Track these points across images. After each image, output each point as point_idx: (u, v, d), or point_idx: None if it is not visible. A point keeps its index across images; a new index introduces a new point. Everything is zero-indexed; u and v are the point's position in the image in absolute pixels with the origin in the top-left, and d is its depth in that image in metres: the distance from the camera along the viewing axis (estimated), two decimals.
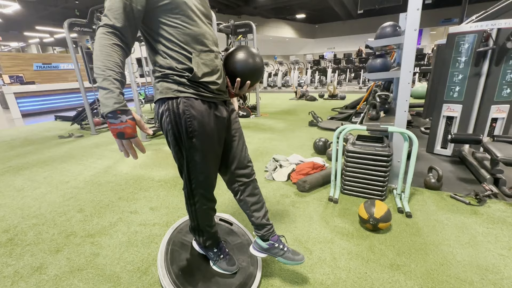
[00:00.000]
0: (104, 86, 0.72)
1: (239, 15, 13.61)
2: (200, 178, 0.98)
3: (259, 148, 3.19)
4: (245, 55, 1.01)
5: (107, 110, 0.72)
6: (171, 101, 0.88)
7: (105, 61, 0.72)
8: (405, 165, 1.76)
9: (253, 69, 1.02)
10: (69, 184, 2.39)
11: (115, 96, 0.73)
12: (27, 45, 16.13)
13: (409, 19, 1.69)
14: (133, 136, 0.77)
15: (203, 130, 0.91)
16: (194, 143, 0.92)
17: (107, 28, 0.75)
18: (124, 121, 0.74)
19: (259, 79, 1.07)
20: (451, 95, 2.48)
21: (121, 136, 0.76)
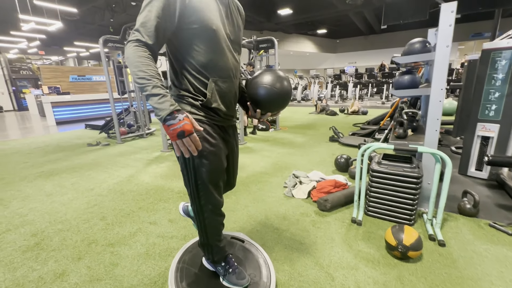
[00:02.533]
0: (156, 92, 0.75)
1: (261, 31, 13.99)
2: (209, 195, 1.00)
3: (278, 163, 3.15)
4: (267, 86, 0.96)
5: (165, 113, 0.75)
6: None
7: (148, 70, 0.76)
8: (436, 187, 1.64)
9: (275, 101, 0.98)
10: (94, 191, 2.48)
11: (169, 99, 0.77)
12: (65, 58, 17.58)
13: (441, 36, 1.63)
14: (192, 132, 0.78)
15: (211, 150, 0.96)
16: (202, 162, 0.95)
17: (140, 43, 0.78)
18: (182, 119, 0.76)
19: (282, 108, 1.04)
20: (487, 114, 2.32)
21: (181, 135, 0.77)
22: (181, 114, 0.77)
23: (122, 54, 4.94)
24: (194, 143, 0.80)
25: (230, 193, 2.30)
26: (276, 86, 0.96)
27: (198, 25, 0.84)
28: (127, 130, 5.03)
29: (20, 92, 13.49)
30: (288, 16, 12.08)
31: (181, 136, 0.77)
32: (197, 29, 0.84)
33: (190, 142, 0.79)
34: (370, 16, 13.26)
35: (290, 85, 1.00)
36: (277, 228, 1.75)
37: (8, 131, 6.60)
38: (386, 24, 7.85)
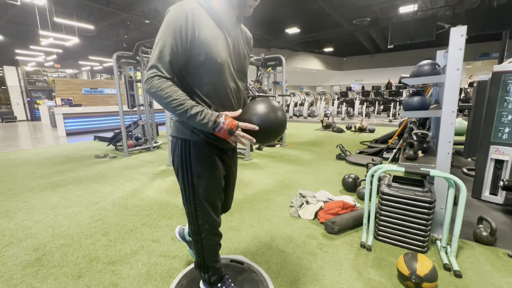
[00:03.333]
0: (194, 112, 0.82)
1: (269, 48, 14.34)
2: (206, 214, 1.02)
3: (284, 180, 3.10)
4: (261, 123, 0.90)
5: (210, 125, 0.84)
6: (184, 141, 0.97)
7: (178, 96, 0.82)
8: (450, 213, 1.57)
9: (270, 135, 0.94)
10: (98, 205, 2.47)
11: (208, 111, 0.84)
12: (79, 72, 18.25)
13: (451, 59, 1.62)
14: (237, 124, 0.87)
15: (210, 171, 0.99)
16: (201, 183, 0.98)
17: (161, 77, 0.82)
18: (223, 120, 0.85)
19: (276, 139, 0.99)
20: (500, 137, 2.26)
21: (231, 132, 0.85)
22: (222, 118, 0.85)
23: (134, 69, 5.10)
24: (244, 135, 0.88)
25: (234, 212, 2.25)
26: (269, 120, 0.91)
27: (204, 57, 0.86)
28: (135, 143, 5.08)
29: (34, 103, 13.96)
30: (296, 34, 12.39)
31: (232, 133, 0.85)
32: (203, 61, 0.87)
33: (241, 133, 0.87)
34: (376, 36, 13.50)
35: (284, 114, 0.96)
36: (283, 251, 1.68)
37: (19, 141, 6.75)
38: (392, 44, 7.96)
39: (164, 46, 0.82)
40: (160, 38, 0.83)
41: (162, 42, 0.82)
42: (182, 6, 0.84)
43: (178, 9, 0.83)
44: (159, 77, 0.82)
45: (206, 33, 0.85)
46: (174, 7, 0.85)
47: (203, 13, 0.86)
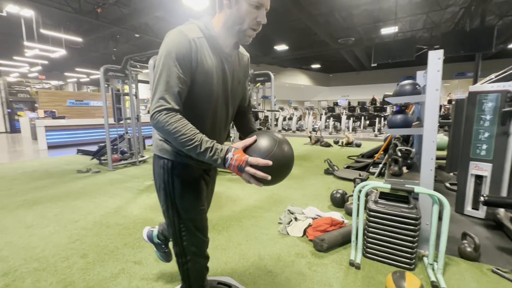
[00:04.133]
0: (206, 146, 0.77)
1: (258, 64, 14.66)
2: (192, 236, 0.98)
3: (273, 196, 3.08)
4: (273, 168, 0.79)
5: (220, 160, 0.78)
6: (166, 161, 0.94)
7: (187, 131, 0.77)
8: (436, 229, 1.59)
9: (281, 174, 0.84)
10: (77, 224, 2.34)
11: (218, 146, 0.79)
12: (65, 83, 17.88)
13: (430, 80, 1.70)
14: (246, 160, 0.77)
15: (194, 192, 0.97)
16: (184, 204, 0.95)
17: (169, 111, 0.78)
18: (232, 156, 0.78)
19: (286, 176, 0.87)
20: (478, 153, 2.36)
21: (241, 169, 0.77)
22: (230, 153, 0.78)
23: (121, 82, 5.05)
24: (256, 172, 0.77)
25: (222, 230, 2.20)
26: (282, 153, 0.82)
27: (200, 87, 0.85)
28: (120, 157, 4.94)
29: (15, 114, 13.44)
30: (284, 51, 12.78)
31: (241, 170, 0.77)
32: (197, 89, 0.86)
33: (251, 170, 0.77)
34: (361, 54, 14.14)
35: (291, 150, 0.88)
36: (271, 271, 1.64)
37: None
38: (376, 62, 8.34)
39: (170, 76, 0.79)
40: (163, 67, 0.79)
41: (167, 72, 0.79)
42: (185, 34, 0.81)
43: (181, 36, 0.80)
44: (167, 110, 0.77)
45: (207, 64, 0.84)
46: (175, 33, 0.81)
47: (204, 42, 0.84)
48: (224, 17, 0.85)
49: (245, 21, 0.83)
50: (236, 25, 0.84)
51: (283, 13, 8.59)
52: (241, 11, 0.82)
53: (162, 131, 0.78)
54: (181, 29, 0.83)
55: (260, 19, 0.84)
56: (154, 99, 0.79)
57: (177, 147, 0.80)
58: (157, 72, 0.80)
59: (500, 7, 8.44)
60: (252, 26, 0.84)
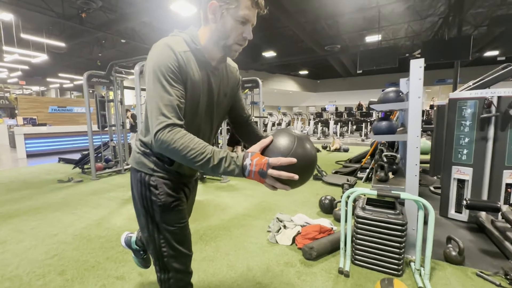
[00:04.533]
0: (220, 157, 0.71)
1: (247, 70, 14.74)
2: (173, 251, 0.93)
3: (262, 203, 3.05)
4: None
5: (238, 170, 0.71)
6: (143, 174, 0.90)
7: (196, 146, 0.71)
8: (422, 234, 1.61)
9: (305, 167, 0.75)
10: (56, 237, 2.22)
11: (232, 155, 0.72)
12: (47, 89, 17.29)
13: (412, 88, 1.75)
14: (267, 162, 0.69)
15: (175, 206, 0.92)
16: (165, 218, 0.91)
17: (172, 127, 0.73)
18: (250, 161, 0.70)
19: (312, 174, 0.81)
20: (460, 158, 2.43)
21: (263, 173, 0.70)
22: (247, 159, 0.71)
23: (106, 89, 4.93)
24: (280, 173, 0.69)
25: (210, 240, 2.14)
26: (305, 150, 0.75)
27: (185, 100, 0.82)
28: (104, 165, 4.78)
29: None
30: (272, 58, 12.93)
31: (264, 175, 0.69)
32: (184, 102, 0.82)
33: (274, 174, 0.69)
34: (347, 61, 14.50)
35: (312, 145, 0.79)
36: (260, 282, 1.60)
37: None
38: (361, 69, 8.59)
39: (165, 90, 0.74)
40: (155, 83, 0.74)
41: (161, 86, 0.74)
42: (171, 48, 0.77)
43: (167, 50, 0.77)
44: (170, 127, 0.72)
45: (194, 78, 0.81)
46: (162, 47, 0.77)
47: (190, 56, 0.81)
48: (210, 31, 0.83)
49: (231, 36, 0.80)
50: (221, 40, 0.82)
51: (271, 20, 8.71)
52: (227, 26, 0.79)
53: (169, 151, 0.72)
54: (167, 42, 0.79)
55: (246, 35, 0.81)
56: (153, 119, 0.73)
57: (187, 165, 0.73)
58: (150, 90, 0.75)
59: (475, 18, 8.91)
60: (238, 41, 0.82)
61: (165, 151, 0.73)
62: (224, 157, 0.70)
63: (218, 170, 0.71)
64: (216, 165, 0.70)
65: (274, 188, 0.73)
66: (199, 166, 0.70)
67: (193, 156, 0.69)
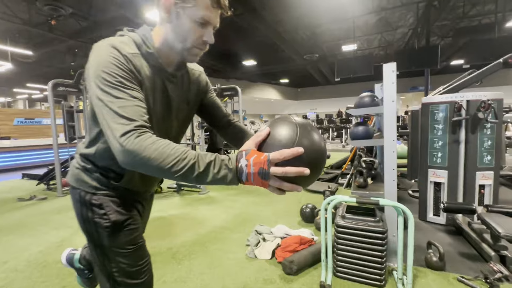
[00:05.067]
0: (207, 161, 0.55)
1: (228, 79, 14.72)
2: (128, 278, 0.80)
3: (242, 214, 2.91)
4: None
5: (231, 175, 0.56)
6: (84, 193, 0.77)
7: (175, 151, 0.55)
8: (402, 240, 1.56)
9: (316, 160, 0.60)
10: (6, 265, 1.95)
11: (222, 157, 0.57)
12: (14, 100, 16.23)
13: (386, 92, 1.74)
14: (267, 158, 0.54)
15: (123, 227, 0.79)
16: (115, 243, 0.78)
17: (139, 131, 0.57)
18: (246, 161, 0.55)
19: (322, 168, 0.64)
20: (435, 161, 2.46)
21: (264, 174, 0.54)
22: (242, 159, 0.56)
23: (76, 98, 4.64)
24: (286, 170, 0.54)
25: (183, 258, 1.98)
26: (313, 139, 0.61)
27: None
28: None
29: None
30: (253, 66, 13.02)
31: (266, 176, 0.54)
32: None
33: (279, 172, 0.54)
34: (325, 70, 14.92)
35: (318, 132, 0.64)
36: None
37: None
38: (339, 77, 8.84)
39: (119, 91, 0.60)
40: (104, 86, 0.60)
41: (112, 89, 0.60)
42: (117, 48, 0.64)
43: (112, 51, 0.64)
44: (138, 131, 0.57)
45: (144, 85, 0.69)
46: (105, 47, 0.64)
47: (140, 60, 0.69)
48: (164, 32, 0.71)
49: (188, 39, 0.69)
50: (178, 43, 0.70)
51: (250, 29, 8.78)
52: (183, 27, 0.68)
53: (140, 163, 0.55)
54: (112, 43, 0.65)
55: (206, 38, 0.70)
56: (111, 126, 0.57)
57: (164, 177, 0.57)
58: (97, 97, 0.60)
59: (441, 29, 9.53)
60: (197, 45, 0.70)
61: (134, 164, 0.56)
62: (212, 161, 0.56)
63: (205, 178, 0.55)
64: (203, 173, 0.55)
65: (282, 192, 0.58)
66: (181, 177, 0.55)
67: (171, 165, 0.54)
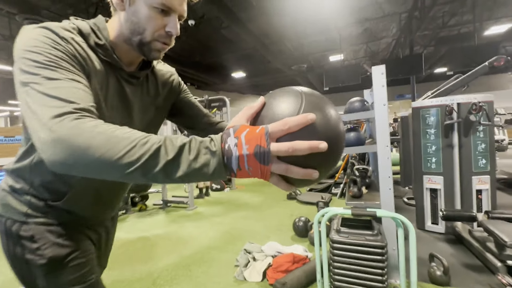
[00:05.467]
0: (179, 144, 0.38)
1: (217, 91, 14.71)
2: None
3: (231, 231, 2.72)
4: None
5: (216, 161, 0.37)
6: (11, 222, 0.61)
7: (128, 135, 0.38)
8: (404, 255, 1.42)
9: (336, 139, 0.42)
10: None
11: (202, 140, 0.39)
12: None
13: (376, 96, 1.65)
14: (265, 131, 0.38)
15: (68, 260, 0.62)
16: (56, 282, 0.61)
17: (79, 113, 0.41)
18: (236, 139, 0.38)
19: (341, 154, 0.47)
20: (429, 167, 2.38)
21: (263, 153, 0.37)
22: (229, 138, 0.38)
23: None
24: (296, 146, 0.36)
25: (165, 284, 1.77)
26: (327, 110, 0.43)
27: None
28: None
29: None
30: (242, 78, 13.08)
31: (266, 158, 0.37)
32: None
33: (284, 149, 0.37)
34: (314, 80, 15.14)
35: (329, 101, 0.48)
36: None
37: None
38: (327, 86, 8.95)
39: (55, 69, 0.45)
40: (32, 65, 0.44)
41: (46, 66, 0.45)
42: (52, 29, 0.49)
43: (45, 31, 0.49)
44: (76, 115, 0.40)
45: (93, 81, 0.54)
46: (35, 28, 0.49)
47: (89, 51, 0.55)
48: (119, 22, 0.58)
49: (147, 30, 0.56)
50: (135, 35, 0.56)
51: (237, 42, 8.85)
52: (140, 15, 0.55)
53: (77, 158, 0.37)
54: (45, 25, 0.51)
55: (170, 29, 0.56)
56: (37, 113, 0.40)
57: (110, 176, 0.39)
58: (20, 83, 0.44)
59: (423, 39, 9.86)
60: (158, 37, 0.57)
61: (67, 159, 0.38)
62: (186, 144, 0.38)
63: (177, 170, 0.37)
64: (172, 162, 0.37)
65: (290, 186, 0.42)
66: (139, 172, 0.37)
67: (123, 153, 0.36)
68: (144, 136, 0.38)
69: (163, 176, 0.37)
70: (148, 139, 0.38)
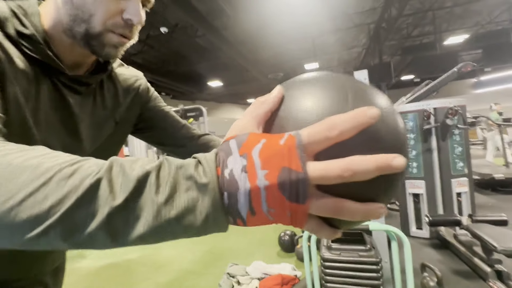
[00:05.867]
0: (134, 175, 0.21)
1: (194, 101, 14.41)
2: None
3: (213, 250, 2.52)
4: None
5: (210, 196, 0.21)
6: None
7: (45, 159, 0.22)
8: (399, 269, 1.34)
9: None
10: None
11: (183, 164, 0.23)
12: None
13: None
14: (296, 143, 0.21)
15: None
16: None
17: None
18: (243, 158, 0.22)
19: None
20: (411, 171, 2.38)
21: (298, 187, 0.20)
22: (231, 158, 0.22)
23: None
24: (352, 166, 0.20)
25: None
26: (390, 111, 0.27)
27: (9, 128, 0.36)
28: None
29: None
30: (219, 87, 12.94)
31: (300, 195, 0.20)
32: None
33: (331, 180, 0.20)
34: None
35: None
36: None
37: None
38: None
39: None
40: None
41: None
42: None
43: None
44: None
45: (10, 88, 0.36)
46: None
47: (5, 43, 0.37)
48: (55, 5, 0.41)
49: (95, 16, 0.39)
50: (78, 23, 0.40)
51: (213, 50, 8.74)
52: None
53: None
54: None
55: (129, 15, 0.41)
56: None
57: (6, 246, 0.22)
58: None
59: (390, 48, 10.48)
60: (112, 27, 0.41)
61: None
62: (150, 172, 0.22)
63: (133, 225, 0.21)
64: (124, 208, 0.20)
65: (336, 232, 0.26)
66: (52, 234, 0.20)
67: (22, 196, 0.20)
68: (72, 161, 0.22)
69: (105, 238, 0.21)
70: (77, 166, 0.22)
